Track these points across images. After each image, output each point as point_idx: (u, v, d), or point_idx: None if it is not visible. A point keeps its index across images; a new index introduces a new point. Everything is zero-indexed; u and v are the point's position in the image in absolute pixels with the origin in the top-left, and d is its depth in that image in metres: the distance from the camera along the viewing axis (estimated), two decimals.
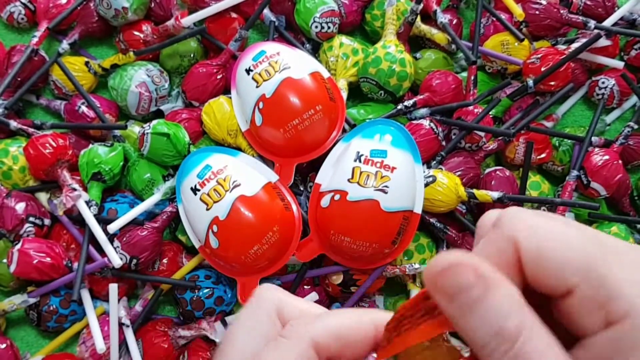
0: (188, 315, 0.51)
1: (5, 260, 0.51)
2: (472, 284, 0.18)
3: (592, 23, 0.57)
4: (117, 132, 0.55)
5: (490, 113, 0.55)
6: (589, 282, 0.18)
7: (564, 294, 0.19)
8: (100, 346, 0.48)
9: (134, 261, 0.50)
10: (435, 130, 0.54)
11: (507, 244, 0.20)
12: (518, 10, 0.55)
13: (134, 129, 0.56)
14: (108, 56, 0.59)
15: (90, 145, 0.53)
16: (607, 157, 0.53)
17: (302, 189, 0.54)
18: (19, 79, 0.56)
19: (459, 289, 0.18)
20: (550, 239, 0.19)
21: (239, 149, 0.54)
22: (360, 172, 0.48)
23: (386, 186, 0.47)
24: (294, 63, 0.52)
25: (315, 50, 0.59)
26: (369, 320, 0.23)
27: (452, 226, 0.53)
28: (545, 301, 0.20)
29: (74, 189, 0.50)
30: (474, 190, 0.51)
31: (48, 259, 0.49)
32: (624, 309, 0.18)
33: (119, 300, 0.51)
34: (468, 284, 0.18)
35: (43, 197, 0.53)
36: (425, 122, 0.54)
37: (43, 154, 0.51)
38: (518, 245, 0.19)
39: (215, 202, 0.48)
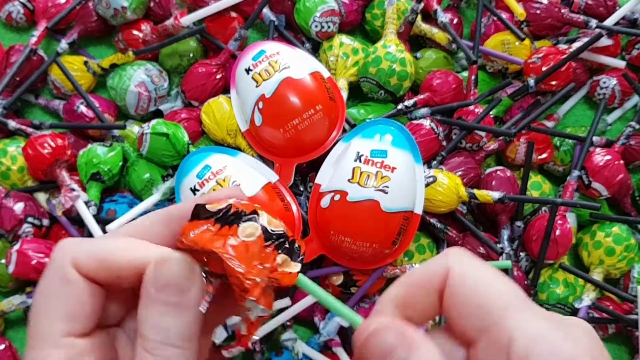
0: None
1: (3, 261, 0.50)
2: (396, 346, 0.20)
3: (593, 22, 0.56)
4: (116, 132, 0.55)
5: (491, 113, 0.55)
6: (491, 335, 0.21)
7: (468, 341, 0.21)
8: None
9: None
10: (436, 130, 0.53)
11: (441, 269, 0.22)
12: (519, 10, 0.55)
13: (133, 128, 0.55)
14: (107, 56, 0.59)
15: (89, 145, 0.53)
16: (608, 157, 0.53)
17: (302, 189, 0.54)
18: (17, 79, 0.55)
19: (386, 350, 0.20)
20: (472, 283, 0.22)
21: (238, 149, 0.53)
22: (361, 172, 0.47)
23: (386, 186, 0.47)
24: (294, 63, 0.52)
25: (315, 50, 0.59)
26: (142, 255, 0.24)
27: (452, 226, 0.53)
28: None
29: (73, 189, 0.50)
30: (475, 191, 0.51)
31: (47, 260, 0.49)
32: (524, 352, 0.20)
33: None
34: (393, 345, 0.20)
35: (42, 197, 0.53)
36: (426, 122, 0.53)
37: (42, 154, 0.50)
38: (448, 275, 0.22)
39: None
